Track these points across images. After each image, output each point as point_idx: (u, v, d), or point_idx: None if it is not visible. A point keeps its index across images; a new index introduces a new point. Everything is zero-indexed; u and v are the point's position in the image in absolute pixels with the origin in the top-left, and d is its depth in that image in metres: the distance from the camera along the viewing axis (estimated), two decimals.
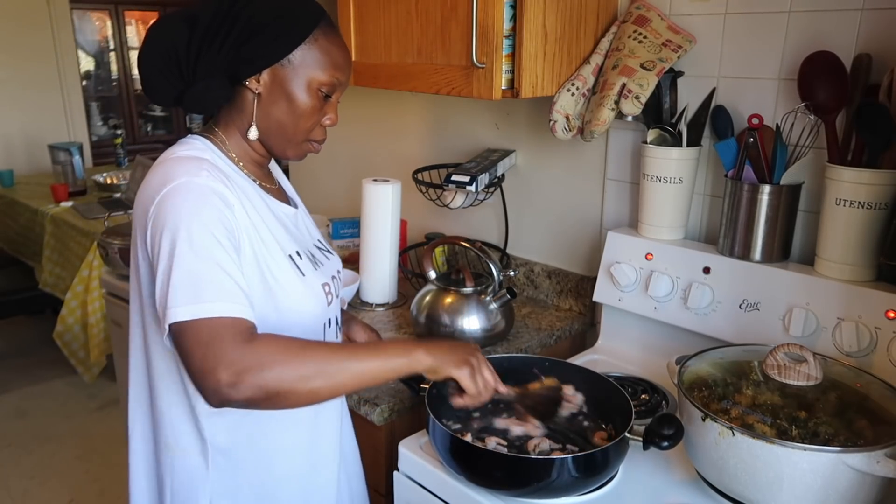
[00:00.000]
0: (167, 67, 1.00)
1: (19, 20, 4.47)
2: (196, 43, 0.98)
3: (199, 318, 0.88)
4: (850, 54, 1.21)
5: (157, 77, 1.02)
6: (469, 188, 1.64)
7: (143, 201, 0.98)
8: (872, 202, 1.16)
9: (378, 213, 1.71)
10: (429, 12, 1.43)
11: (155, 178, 0.98)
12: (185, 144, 1.04)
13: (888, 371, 1.12)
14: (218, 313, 0.89)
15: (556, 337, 1.63)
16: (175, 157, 1.01)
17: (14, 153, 4.51)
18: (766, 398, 1.04)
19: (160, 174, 0.98)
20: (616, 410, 1.15)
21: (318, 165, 2.51)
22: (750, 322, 1.30)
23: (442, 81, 1.43)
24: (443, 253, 1.94)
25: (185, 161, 0.99)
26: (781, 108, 1.31)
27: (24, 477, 2.81)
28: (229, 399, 0.87)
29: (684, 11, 1.42)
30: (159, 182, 0.96)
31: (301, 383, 0.89)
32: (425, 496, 1.16)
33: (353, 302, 1.76)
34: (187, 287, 0.90)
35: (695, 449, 1.05)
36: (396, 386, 1.35)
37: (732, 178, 1.33)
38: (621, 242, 1.51)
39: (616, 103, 1.36)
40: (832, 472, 0.92)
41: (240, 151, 1.08)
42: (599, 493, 1.08)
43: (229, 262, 0.93)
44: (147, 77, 1.03)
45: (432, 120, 2.02)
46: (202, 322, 0.88)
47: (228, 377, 0.85)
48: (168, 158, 1.01)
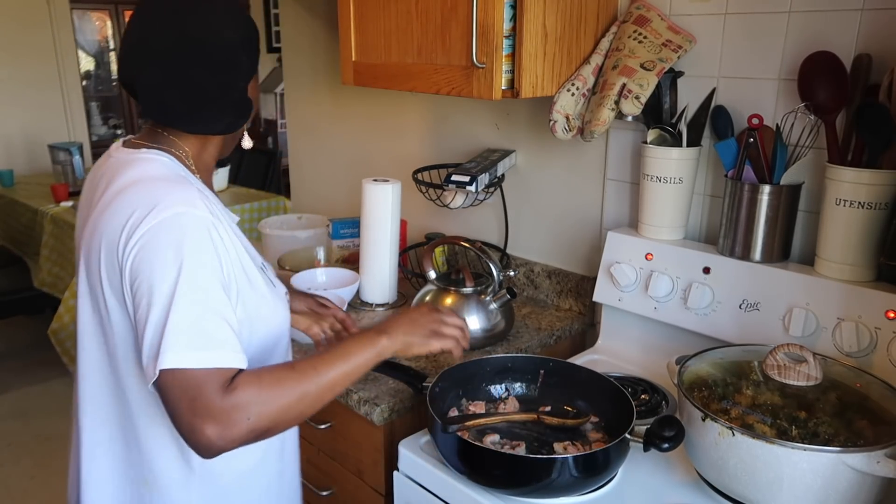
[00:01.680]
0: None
1: (19, 20, 4.47)
2: None
3: (186, 369, 0.86)
4: (850, 54, 1.21)
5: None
6: (469, 188, 1.64)
7: (119, 224, 0.91)
8: (872, 202, 1.16)
9: (378, 213, 1.71)
10: (429, 12, 1.43)
11: (136, 200, 0.92)
12: (152, 161, 0.99)
13: (888, 371, 1.12)
14: (207, 364, 0.87)
15: (556, 337, 1.63)
16: (154, 177, 0.96)
17: (14, 153, 4.51)
18: (766, 398, 1.04)
19: (144, 198, 0.92)
20: (617, 411, 1.15)
21: (318, 165, 2.51)
22: (750, 322, 1.30)
23: (442, 81, 1.43)
24: (443, 253, 1.94)
25: (172, 185, 0.95)
26: (781, 108, 1.31)
27: (25, 477, 2.82)
28: (223, 450, 0.86)
29: (684, 11, 1.42)
30: (146, 207, 0.91)
31: (287, 413, 0.91)
32: (425, 496, 1.16)
33: (352, 302, 1.76)
34: (183, 333, 0.87)
35: (695, 449, 1.05)
36: (396, 386, 1.35)
37: (732, 178, 1.33)
38: (621, 242, 1.51)
39: (616, 103, 1.36)
40: (832, 472, 0.92)
41: (199, 162, 1.06)
42: (599, 493, 1.08)
43: (226, 304, 0.91)
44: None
45: (432, 120, 2.02)
46: (189, 372, 0.86)
47: (217, 432, 0.85)
48: (145, 179, 0.95)
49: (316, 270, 1.80)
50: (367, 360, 1.00)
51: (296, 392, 0.91)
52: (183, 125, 1.02)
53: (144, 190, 0.94)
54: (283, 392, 0.90)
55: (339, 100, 2.33)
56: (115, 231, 0.92)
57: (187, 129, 1.03)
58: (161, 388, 0.87)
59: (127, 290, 0.92)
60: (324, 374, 0.95)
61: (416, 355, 1.05)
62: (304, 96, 2.49)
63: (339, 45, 1.66)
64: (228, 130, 1.06)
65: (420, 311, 1.11)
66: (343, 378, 0.97)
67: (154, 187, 0.94)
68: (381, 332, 1.04)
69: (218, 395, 0.86)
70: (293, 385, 0.91)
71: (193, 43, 0.98)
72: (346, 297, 1.64)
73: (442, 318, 1.11)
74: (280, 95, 5.99)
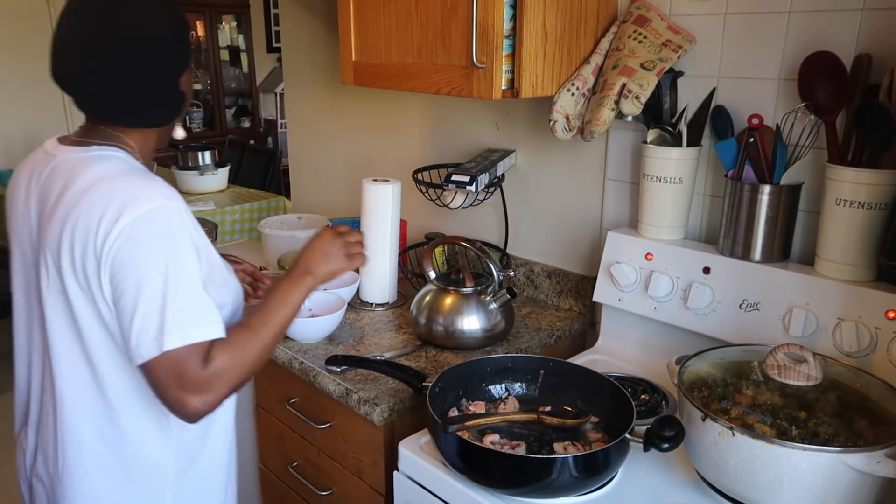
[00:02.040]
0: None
1: (19, 20, 4.47)
2: None
3: (174, 349, 0.94)
4: (850, 54, 1.21)
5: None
6: (469, 188, 1.64)
7: (93, 221, 0.95)
8: (872, 202, 1.16)
9: (378, 213, 1.71)
10: (429, 12, 1.43)
11: (107, 197, 0.96)
12: (111, 158, 1.04)
13: (888, 371, 1.12)
14: (198, 339, 0.96)
15: (556, 337, 1.63)
16: (119, 173, 1.00)
17: (14, 153, 4.50)
18: (766, 398, 1.04)
19: (116, 194, 0.96)
20: (617, 411, 1.15)
21: (318, 165, 2.51)
22: (750, 322, 1.30)
23: (442, 81, 1.43)
24: (443, 253, 1.94)
25: (142, 179, 1.00)
26: (781, 108, 1.31)
27: None
28: (207, 413, 0.97)
29: (684, 11, 1.42)
30: (121, 203, 0.95)
31: (254, 366, 1.04)
32: (425, 496, 1.16)
33: (352, 302, 1.76)
34: (180, 316, 0.95)
35: (695, 449, 1.05)
36: (396, 386, 1.35)
37: (732, 178, 1.33)
38: (621, 242, 1.51)
39: (616, 103, 1.35)
40: (832, 472, 0.92)
41: (143, 155, 1.10)
42: (599, 493, 1.08)
43: (202, 282, 1.00)
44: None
45: (432, 120, 2.02)
46: (175, 351, 0.94)
47: (202, 400, 0.96)
48: (110, 176, 1.00)
49: None
50: (301, 300, 1.13)
51: (258, 347, 1.04)
52: (119, 120, 1.07)
53: (114, 186, 0.98)
54: (249, 350, 1.03)
55: (339, 100, 2.33)
56: (90, 228, 0.96)
57: (124, 123, 1.07)
58: (150, 369, 0.95)
59: (104, 283, 0.97)
60: (273, 324, 1.07)
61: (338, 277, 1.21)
62: (304, 96, 2.49)
63: (339, 45, 1.66)
64: (163, 123, 1.11)
65: (325, 239, 1.20)
66: (287, 321, 1.10)
67: (124, 183, 0.99)
68: (305, 272, 1.15)
69: (200, 368, 0.96)
70: (255, 342, 1.04)
71: (124, 39, 1.01)
72: (346, 297, 1.64)
73: (346, 239, 1.21)
74: (280, 95, 5.99)
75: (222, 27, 6.24)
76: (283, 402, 1.58)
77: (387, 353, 1.50)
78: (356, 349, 1.53)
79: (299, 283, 1.14)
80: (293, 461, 1.62)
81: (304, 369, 1.45)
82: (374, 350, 1.52)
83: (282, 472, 1.68)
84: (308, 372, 1.44)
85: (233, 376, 0.99)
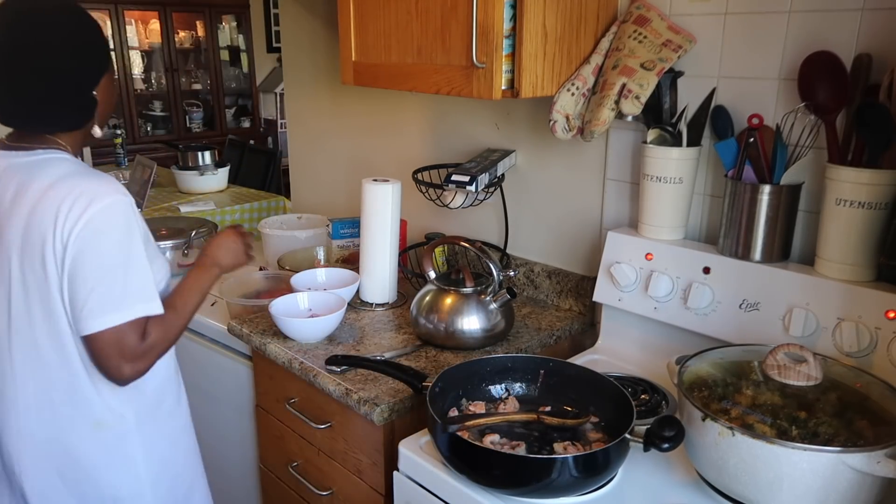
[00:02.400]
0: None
1: None
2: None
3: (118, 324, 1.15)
4: (850, 54, 1.21)
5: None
6: (469, 188, 1.64)
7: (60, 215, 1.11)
8: (872, 202, 1.16)
9: (378, 213, 1.71)
10: (429, 12, 1.43)
11: (70, 193, 1.13)
12: (62, 160, 1.20)
13: (888, 371, 1.12)
14: (139, 314, 1.17)
15: (556, 337, 1.63)
16: (73, 173, 1.17)
17: None
18: (766, 398, 1.04)
19: (77, 190, 1.13)
20: (617, 411, 1.15)
21: (318, 165, 2.51)
22: (750, 322, 1.30)
23: (442, 81, 1.43)
24: (443, 253, 1.94)
25: (96, 178, 1.17)
26: (781, 108, 1.31)
27: None
28: (136, 379, 1.20)
29: (684, 11, 1.42)
30: (85, 198, 1.12)
31: (176, 339, 1.27)
32: (425, 496, 1.16)
33: (352, 302, 1.76)
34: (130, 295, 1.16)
35: (695, 449, 1.05)
36: (396, 386, 1.35)
37: (732, 178, 1.33)
38: (621, 242, 1.51)
39: (616, 103, 1.35)
40: (832, 472, 0.92)
41: (75, 153, 1.25)
42: (599, 493, 1.08)
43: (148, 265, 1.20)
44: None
45: (432, 120, 2.02)
46: (119, 326, 1.15)
47: (134, 368, 1.18)
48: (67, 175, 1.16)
49: (316, 270, 1.80)
50: (210, 287, 1.36)
51: (180, 324, 1.26)
52: (40, 128, 1.21)
53: (75, 183, 1.15)
54: (175, 327, 1.25)
55: (339, 100, 2.33)
56: (57, 219, 1.12)
57: (39, 129, 1.21)
58: (95, 340, 1.15)
59: (66, 266, 1.13)
60: (190, 305, 1.30)
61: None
62: (304, 96, 2.49)
63: (339, 45, 1.66)
64: (76, 127, 1.24)
65: (231, 238, 1.43)
66: (199, 304, 1.32)
67: (83, 181, 1.16)
68: (213, 263, 1.38)
69: (138, 341, 1.17)
70: (178, 321, 1.26)
71: (26, 55, 1.13)
72: (346, 297, 1.64)
73: (246, 240, 1.45)
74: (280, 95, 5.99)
75: (222, 27, 6.24)
76: (283, 402, 1.58)
77: (387, 353, 1.50)
78: (356, 349, 1.53)
79: (209, 272, 1.36)
80: (293, 461, 1.62)
81: (304, 369, 1.45)
82: (374, 350, 1.52)
83: (282, 472, 1.68)
84: (308, 372, 1.44)
85: (161, 349, 1.22)
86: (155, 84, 5.97)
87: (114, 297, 1.14)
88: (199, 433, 2.07)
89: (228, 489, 2.01)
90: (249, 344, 1.64)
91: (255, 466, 1.81)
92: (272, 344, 1.56)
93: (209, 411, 1.98)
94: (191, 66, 6.18)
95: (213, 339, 1.89)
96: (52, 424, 1.23)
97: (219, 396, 1.92)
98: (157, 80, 5.96)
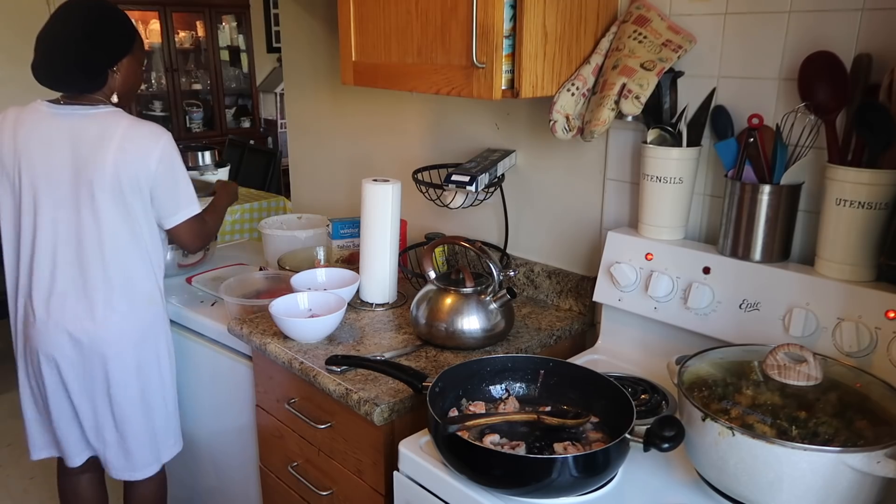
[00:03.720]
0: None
1: (20, 21, 4.46)
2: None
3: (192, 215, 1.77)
4: (850, 54, 1.21)
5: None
6: (469, 188, 1.64)
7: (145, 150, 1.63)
8: (872, 202, 1.16)
9: (378, 213, 1.71)
10: (429, 12, 1.43)
11: (144, 134, 1.65)
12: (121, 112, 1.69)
13: (888, 371, 1.12)
14: (197, 210, 1.77)
15: (556, 337, 1.63)
16: (135, 119, 1.68)
17: None
18: (766, 398, 1.04)
19: (147, 131, 1.66)
20: (617, 411, 1.15)
21: (318, 165, 2.51)
22: (750, 322, 1.30)
23: (442, 81, 1.43)
24: (443, 253, 1.94)
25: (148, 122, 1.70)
26: (781, 108, 1.31)
27: (24, 477, 2.82)
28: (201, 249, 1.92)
29: (684, 11, 1.42)
30: (155, 136, 1.66)
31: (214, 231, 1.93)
32: (425, 496, 1.16)
33: (352, 302, 1.76)
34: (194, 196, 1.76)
35: (695, 449, 1.05)
36: (396, 386, 1.35)
37: (732, 178, 1.33)
38: (621, 242, 1.51)
39: (616, 103, 1.35)
40: (832, 472, 0.92)
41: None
42: (599, 494, 1.08)
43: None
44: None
45: (432, 120, 2.02)
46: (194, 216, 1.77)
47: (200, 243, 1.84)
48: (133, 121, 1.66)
49: (316, 270, 1.80)
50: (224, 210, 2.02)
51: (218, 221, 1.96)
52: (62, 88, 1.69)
53: (142, 126, 1.66)
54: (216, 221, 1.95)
55: (339, 100, 2.33)
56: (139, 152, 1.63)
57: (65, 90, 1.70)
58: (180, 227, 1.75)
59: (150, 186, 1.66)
60: (220, 213, 1.97)
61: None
62: (304, 96, 2.49)
63: (339, 45, 1.66)
64: (89, 91, 1.68)
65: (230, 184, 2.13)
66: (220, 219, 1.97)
67: (143, 124, 1.67)
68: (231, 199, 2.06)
69: (203, 224, 1.80)
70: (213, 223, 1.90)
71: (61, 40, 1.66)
72: (346, 297, 1.64)
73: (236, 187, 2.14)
74: (280, 95, 5.99)
75: (222, 27, 6.24)
76: (283, 402, 1.58)
77: (387, 353, 1.50)
78: (356, 349, 1.53)
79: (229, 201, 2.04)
80: (293, 461, 1.62)
81: (304, 369, 1.45)
82: (374, 350, 1.52)
83: (282, 472, 1.68)
84: (308, 372, 1.44)
85: (211, 233, 1.88)
86: (155, 84, 5.96)
87: (184, 200, 1.73)
88: (200, 433, 2.07)
89: (228, 489, 2.01)
90: (249, 344, 1.64)
91: (255, 466, 1.81)
92: (272, 344, 1.56)
93: (209, 411, 1.98)
94: (191, 66, 6.18)
95: (213, 339, 1.89)
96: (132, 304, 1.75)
97: (219, 396, 1.92)
98: (157, 80, 5.96)
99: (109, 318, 1.70)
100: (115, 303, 1.71)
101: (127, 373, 1.75)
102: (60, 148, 1.64)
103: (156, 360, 1.81)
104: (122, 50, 1.68)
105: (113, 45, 1.67)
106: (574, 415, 1.22)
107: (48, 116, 1.66)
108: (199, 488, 2.14)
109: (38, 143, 1.65)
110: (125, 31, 1.70)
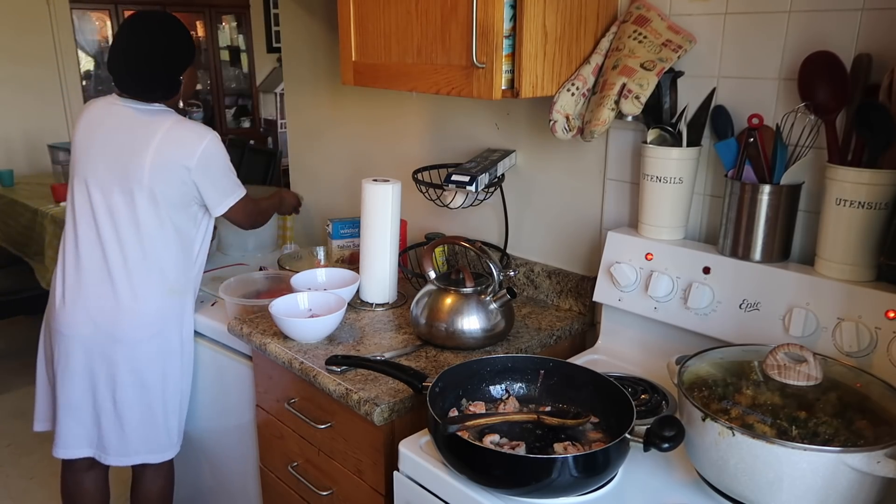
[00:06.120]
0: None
1: (20, 21, 4.46)
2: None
3: (241, 197, 1.88)
4: (850, 54, 1.21)
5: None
6: (469, 188, 1.64)
7: (189, 146, 1.74)
8: (872, 202, 1.16)
9: (378, 213, 1.71)
10: (429, 12, 1.43)
11: (190, 132, 1.77)
12: (172, 112, 1.82)
13: (888, 371, 1.12)
14: (242, 194, 1.88)
15: (556, 337, 1.63)
16: (183, 119, 1.81)
17: (14, 153, 4.50)
18: (766, 398, 1.04)
19: (193, 130, 1.78)
20: (617, 411, 1.15)
21: (318, 165, 2.51)
22: (750, 322, 1.30)
23: (442, 81, 1.43)
24: (443, 253, 1.94)
25: (196, 122, 1.84)
26: (781, 108, 1.31)
27: (24, 477, 2.82)
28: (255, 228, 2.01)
29: (684, 11, 1.42)
30: (199, 135, 1.77)
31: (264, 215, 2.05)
32: (425, 496, 1.16)
33: (352, 302, 1.76)
34: (238, 184, 1.87)
35: (695, 449, 1.05)
36: (396, 386, 1.35)
37: (732, 178, 1.33)
38: (621, 242, 1.51)
39: (616, 103, 1.35)
40: (832, 472, 0.92)
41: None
42: (599, 494, 1.08)
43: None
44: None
45: (432, 120, 2.02)
46: (244, 198, 1.88)
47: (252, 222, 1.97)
48: (181, 120, 1.80)
49: (316, 270, 1.80)
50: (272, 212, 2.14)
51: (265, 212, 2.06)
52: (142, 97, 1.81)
53: (190, 125, 1.80)
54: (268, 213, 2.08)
55: (339, 100, 2.33)
56: (184, 147, 1.74)
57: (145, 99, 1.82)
58: (233, 210, 1.86)
59: (195, 180, 1.76)
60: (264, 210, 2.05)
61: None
62: (304, 96, 2.49)
63: (339, 46, 1.66)
64: (166, 99, 1.83)
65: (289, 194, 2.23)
66: (268, 212, 2.09)
67: (191, 124, 1.81)
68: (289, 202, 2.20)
69: (251, 207, 1.93)
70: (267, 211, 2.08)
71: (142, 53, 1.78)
72: (346, 297, 1.64)
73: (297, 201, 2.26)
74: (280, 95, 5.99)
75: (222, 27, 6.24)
76: (283, 402, 1.58)
77: (387, 353, 1.50)
78: (356, 349, 1.53)
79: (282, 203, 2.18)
80: (293, 461, 1.62)
81: (304, 369, 1.45)
82: (374, 350, 1.52)
83: (282, 472, 1.68)
84: (308, 372, 1.44)
85: (261, 216, 2.01)
86: None
87: (231, 187, 1.84)
88: (200, 433, 2.07)
89: (228, 489, 2.01)
90: (249, 344, 1.65)
91: (255, 466, 1.81)
92: (272, 344, 1.56)
93: (209, 411, 1.98)
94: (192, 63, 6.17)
95: (213, 339, 1.89)
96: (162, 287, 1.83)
97: (219, 396, 1.92)
98: None
99: (132, 305, 1.79)
100: (141, 292, 1.79)
101: (137, 361, 1.81)
102: (115, 138, 1.78)
103: (167, 354, 1.85)
104: (190, 60, 1.86)
105: (184, 56, 1.84)
106: (574, 415, 1.22)
107: (113, 109, 1.81)
108: (199, 488, 2.14)
109: (100, 132, 1.80)
110: (191, 43, 1.87)
